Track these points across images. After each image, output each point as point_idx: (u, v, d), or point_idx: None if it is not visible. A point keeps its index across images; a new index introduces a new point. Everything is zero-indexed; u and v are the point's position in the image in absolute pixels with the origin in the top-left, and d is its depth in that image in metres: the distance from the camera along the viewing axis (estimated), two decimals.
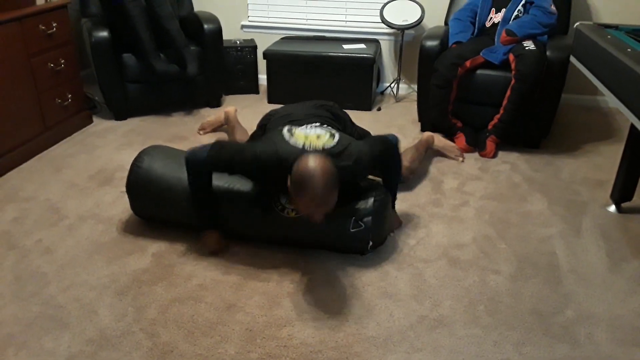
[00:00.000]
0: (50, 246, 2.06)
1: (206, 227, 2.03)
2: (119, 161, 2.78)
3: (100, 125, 3.26)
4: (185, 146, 2.88)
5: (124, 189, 2.09)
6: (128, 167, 2.60)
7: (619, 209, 2.34)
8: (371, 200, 1.94)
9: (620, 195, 2.31)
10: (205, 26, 3.28)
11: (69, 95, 3.03)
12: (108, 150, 2.91)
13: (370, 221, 1.92)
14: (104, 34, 3.07)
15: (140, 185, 2.07)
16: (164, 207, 2.08)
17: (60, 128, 3.01)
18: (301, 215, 1.93)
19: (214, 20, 3.35)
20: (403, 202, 2.40)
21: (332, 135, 1.86)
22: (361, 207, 1.94)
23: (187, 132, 3.13)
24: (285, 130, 1.88)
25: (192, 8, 3.61)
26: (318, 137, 1.83)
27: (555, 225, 2.23)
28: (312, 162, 1.63)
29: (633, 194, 2.31)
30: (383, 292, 1.83)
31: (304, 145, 1.79)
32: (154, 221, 2.18)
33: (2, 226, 2.20)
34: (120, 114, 3.33)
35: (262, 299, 1.79)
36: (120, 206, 2.34)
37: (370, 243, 1.95)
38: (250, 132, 2.47)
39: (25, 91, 2.71)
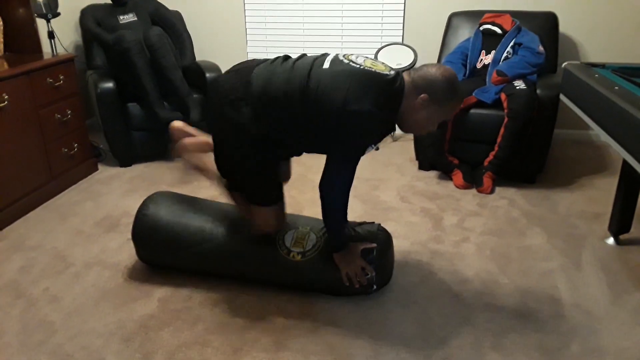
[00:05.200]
0: (57, 294, 2.08)
1: None
2: (124, 207, 2.82)
3: (105, 172, 3.32)
4: (188, 190, 2.94)
5: (130, 236, 2.13)
6: (133, 212, 2.65)
7: (617, 241, 2.37)
8: (373, 245, 1.96)
9: (618, 227, 2.35)
10: (207, 75, 3.39)
11: (75, 145, 3.11)
12: (113, 197, 2.96)
13: (373, 267, 1.94)
14: (110, 84, 3.18)
15: (146, 233, 2.10)
16: (170, 254, 2.10)
17: (67, 176, 3.07)
18: (307, 259, 1.96)
19: (215, 68, 3.47)
20: (404, 239, 2.43)
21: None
22: (363, 253, 1.96)
23: (190, 177, 3.19)
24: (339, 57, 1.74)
25: (194, 58, 3.74)
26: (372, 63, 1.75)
27: (555, 259, 2.26)
28: (437, 66, 1.69)
29: (630, 225, 2.35)
30: (389, 331, 1.85)
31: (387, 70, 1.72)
32: (160, 267, 2.20)
33: (9, 275, 2.22)
34: (125, 161, 3.40)
35: (268, 341, 1.80)
36: (125, 252, 2.37)
37: (374, 287, 1.98)
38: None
39: (32, 142, 2.79)
